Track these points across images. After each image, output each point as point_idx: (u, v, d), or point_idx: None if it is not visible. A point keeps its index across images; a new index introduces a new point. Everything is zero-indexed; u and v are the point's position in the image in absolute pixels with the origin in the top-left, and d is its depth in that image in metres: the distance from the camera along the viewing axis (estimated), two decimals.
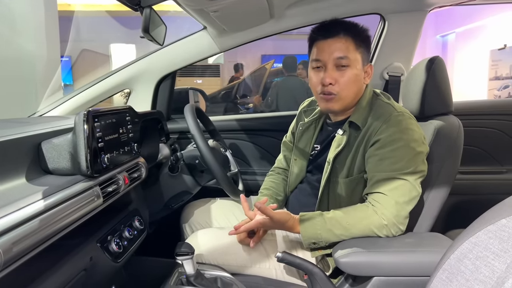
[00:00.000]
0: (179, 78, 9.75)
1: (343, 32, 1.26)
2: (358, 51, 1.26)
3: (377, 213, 1.15)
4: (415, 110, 1.42)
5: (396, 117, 1.22)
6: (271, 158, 1.97)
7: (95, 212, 1.02)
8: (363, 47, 1.28)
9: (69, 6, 7.83)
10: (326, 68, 1.29)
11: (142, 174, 1.33)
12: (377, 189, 1.18)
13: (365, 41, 1.29)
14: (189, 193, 1.58)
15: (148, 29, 1.07)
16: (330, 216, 1.20)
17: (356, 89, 1.30)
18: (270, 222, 1.24)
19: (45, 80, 2.09)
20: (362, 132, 1.26)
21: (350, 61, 1.25)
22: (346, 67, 1.26)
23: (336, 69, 1.28)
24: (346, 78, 1.27)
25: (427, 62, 1.39)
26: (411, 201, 1.18)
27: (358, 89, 1.30)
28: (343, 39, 1.25)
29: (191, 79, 9.60)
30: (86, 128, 1.02)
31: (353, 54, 1.25)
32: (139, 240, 1.29)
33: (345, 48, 1.25)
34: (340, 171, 1.30)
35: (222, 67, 10.03)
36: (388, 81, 1.89)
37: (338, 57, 1.26)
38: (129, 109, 1.33)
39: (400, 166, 1.17)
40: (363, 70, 1.30)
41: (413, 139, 1.20)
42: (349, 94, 1.29)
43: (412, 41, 1.87)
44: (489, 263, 0.63)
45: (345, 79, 1.27)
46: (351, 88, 1.29)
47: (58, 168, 1.06)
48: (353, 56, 1.25)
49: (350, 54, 1.25)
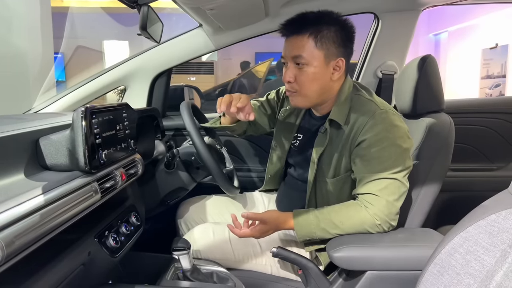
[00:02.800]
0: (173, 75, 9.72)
1: (304, 29, 1.22)
2: (320, 49, 1.22)
3: (369, 213, 1.18)
4: (408, 108, 1.45)
5: (380, 115, 1.21)
6: (265, 155, 1.99)
7: (93, 207, 1.03)
8: (330, 42, 1.22)
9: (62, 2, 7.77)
10: (288, 65, 1.29)
11: (138, 170, 1.34)
12: (367, 189, 1.20)
13: (334, 36, 1.23)
14: (185, 189, 1.59)
15: (145, 26, 1.08)
16: (324, 216, 1.22)
17: (318, 87, 1.26)
18: (263, 226, 1.26)
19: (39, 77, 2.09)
20: (345, 131, 1.25)
21: (307, 59, 1.22)
22: (303, 65, 1.24)
23: (296, 66, 1.26)
24: (304, 76, 1.25)
25: (419, 60, 1.41)
26: (401, 197, 1.20)
27: (321, 86, 1.27)
28: (302, 37, 1.22)
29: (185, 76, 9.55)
30: (84, 125, 1.03)
31: (311, 51, 1.22)
32: (136, 235, 1.30)
33: (301, 46, 1.22)
34: (326, 171, 1.31)
35: (216, 64, 9.99)
36: (382, 79, 1.91)
37: (294, 56, 1.25)
38: (126, 106, 1.34)
39: (388, 165, 1.19)
40: (330, 66, 1.25)
41: (398, 136, 1.21)
42: (310, 92, 1.27)
43: (405, 40, 1.90)
44: (479, 257, 0.65)
45: (303, 77, 1.25)
46: (311, 86, 1.26)
47: (56, 164, 1.06)
48: (310, 53, 1.22)
49: (307, 52, 1.22)
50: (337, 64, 1.26)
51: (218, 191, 1.58)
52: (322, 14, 1.25)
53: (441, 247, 0.75)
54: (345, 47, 1.27)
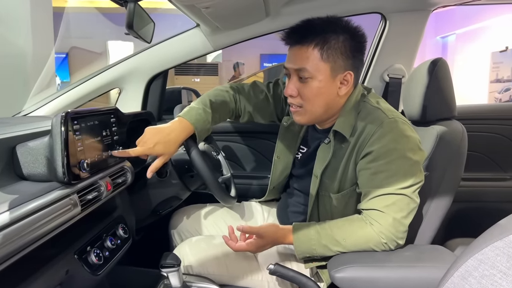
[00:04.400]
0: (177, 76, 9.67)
1: (309, 39, 1.12)
2: (326, 61, 1.12)
3: (375, 231, 1.08)
4: (416, 114, 1.35)
5: (389, 124, 1.11)
6: (266, 161, 1.90)
7: (72, 221, 0.95)
8: (337, 54, 1.12)
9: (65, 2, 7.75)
10: (291, 77, 1.19)
11: (127, 179, 1.26)
12: (372, 205, 1.11)
13: (342, 47, 1.12)
14: (178, 198, 1.50)
15: (132, 25, 1.00)
16: (326, 232, 1.13)
17: (323, 102, 1.16)
18: (260, 240, 1.17)
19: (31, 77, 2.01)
20: (351, 143, 1.16)
21: (311, 73, 1.12)
22: (307, 79, 1.14)
23: (299, 80, 1.16)
24: (308, 90, 1.15)
25: (430, 64, 1.32)
26: (410, 214, 1.11)
27: (327, 102, 1.16)
28: (306, 47, 1.12)
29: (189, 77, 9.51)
30: (64, 131, 0.95)
31: (316, 65, 1.12)
32: (123, 249, 1.22)
33: (306, 58, 1.12)
34: (330, 186, 1.21)
35: (220, 65, 9.95)
36: (389, 83, 1.82)
37: (297, 68, 1.15)
38: (115, 110, 1.26)
39: (396, 179, 1.09)
40: (337, 80, 1.15)
41: (408, 148, 1.10)
42: (314, 108, 1.17)
43: (414, 42, 1.80)
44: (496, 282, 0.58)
45: (307, 92, 1.15)
46: (316, 102, 1.16)
47: (33, 173, 0.98)
48: (315, 67, 1.12)
49: (311, 65, 1.12)
50: (345, 78, 1.16)
51: (215, 199, 1.49)
52: (330, 22, 1.15)
53: (453, 270, 0.66)
54: (354, 59, 1.16)
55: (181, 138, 1.25)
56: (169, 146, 1.21)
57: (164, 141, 1.21)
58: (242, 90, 1.47)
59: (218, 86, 1.45)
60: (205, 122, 1.31)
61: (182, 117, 1.28)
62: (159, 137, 1.20)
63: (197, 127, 1.28)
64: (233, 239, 1.21)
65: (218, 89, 1.45)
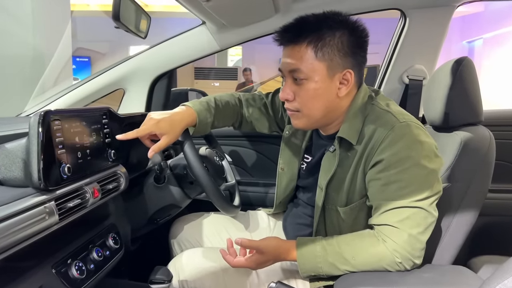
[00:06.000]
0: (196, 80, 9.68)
1: (301, 36, 1.02)
2: (321, 60, 1.02)
3: (388, 249, 0.96)
4: (438, 119, 1.23)
5: (400, 129, 0.99)
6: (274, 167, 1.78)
7: (48, 231, 0.86)
8: (333, 51, 1.02)
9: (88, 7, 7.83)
10: (286, 80, 1.09)
11: (120, 185, 1.17)
12: (384, 220, 0.99)
13: (338, 44, 1.02)
14: (177, 206, 1.40)
15: (118, 16, 0.91)
16: (333, 249, 1.01)
17: (322, 105, 1.06)
18: (260, 256, 1.06)
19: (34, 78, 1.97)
20: (358, 150, 1.04)
21: (306, 73, 1.03)
22: (303, 80, 1.04)
23: (294, 82, 1.07)
24: (304, 92, 1.05)
25: (454, 63, 1.19)
26: (427, 229, 0.98)
27: (326, 105, 1.06)
28: (299, 46, 1.03)
29: (208, 81, 9.51)
30: (41, 132, 0.87)
31: (310, 64, 1.02)
32: (112, 262, 1.12)
33: (299, 58, 1.03)
34: (336, 198, 1.10)
35: (240, 70, 9.91)
36: (408, 85, 1.69)
37: (291, 69, 1.05)
38: (108, 110, 1.17)
39: (410, 191, 0.97)
40: (335, 80, 1.04)
41: (423, 155, 0.98)
42: (312, 112, 1.07)
43: (436, 41, 1.66)
44: None
45: (303, 94, 1.05)
46: (314, 105, 1.06)
47: (9, 178, 0.90)
48: (310, 67, 1.02)
49: (305, 65, 1.02)
50: (344, 77, 1.05)
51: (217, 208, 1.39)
52: (325, 17, 1.04)
53: None
54: (354, 56, 1.05)
55: (185, 121, 1.20)
56: (173, 126, 1.16)
57: (168, 119, 1.16)
58: (244, 97, 1.42)
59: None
60: (207, 115, 1.26)
61: (187, 104, 1.25)
62: (163, 116, 1.16)
63: (199, 115, 1.23)
64: (232, 253, 1.11)
65: (224, 93, 1.40)
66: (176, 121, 1.18)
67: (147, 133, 1.15)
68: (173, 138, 1.16)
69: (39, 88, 1.88)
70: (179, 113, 1.21)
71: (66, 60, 2.66)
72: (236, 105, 1.38)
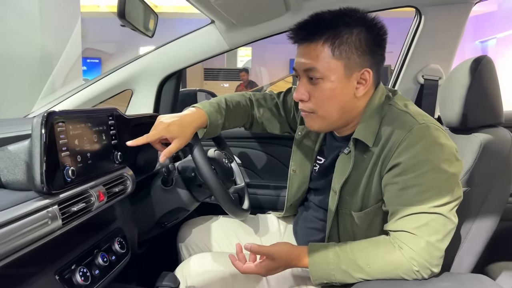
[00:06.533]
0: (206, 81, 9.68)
1: (317, 34, 0.98)
2: (338, 58, 0.98)
3: (405, 257, 0.91)
4: (456, 120, 1.18)
5: (419, 131, 0.95)
6: (285, 170, 1.74)
7: (51, 237, 0.83)
8: (351, 49, 0.98)
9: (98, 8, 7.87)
10: (300, 79, 1.05)
11: (127, 187, 1.14)
12: (401, 226, 0.94)
13: (356, 41, 0.98)
14: (185, 210, 1.37)
15: (123, 14, 0.87)
16: (347, 255, 0.97)
17: (338, 106, 1.02)
18: (270, 262, 1.02)
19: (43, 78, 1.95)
20: (374, 153, 1.00)
21: (322, 73, 0.98)
22: (318, 79, 1.00)
23: (309, 81, 1.02)
24: (319, 93, 1.01)
25: (472, 62, 1.14)
26: (446, 236, 0.94)
27: (342, 105, 1.02)
28: (315, 44, 0.98)
29: (218, 82, 9.51)
30: (44, 133, 0.84)
31: (327, 63, 0.98)
32: (118, 267, 1.09)
33: (315, 56, 0.98)
34: (351, 202, 1.06)
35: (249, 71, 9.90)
36: (423, 85, 1.64)
37: (306, 68, 1.00)
38: (114, 111, 1.14)
39: (429, 196, 0.92)
40: (353, 80, 1.00)
41: (443, 159, 0.93)
42: (328, 113, 1.03)
43: (453, 40, 1.61)
44: None
45: (318, 95, 1.01)
46: (330, 105, 1.01)
47: (12, 181, 0.88)
48: (326, 66, 0.98)
49: (321, 63, 0.98)
50: (362, 77, 1.01)
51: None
52: (342, 13, 1.00)
53: None
54: (372, 55, 1.00)
55: (196, 123, 1.18)
56: (184, 129, 1.14)
57: (178, 122, 1.13)
58: (254, 97, 1.38)
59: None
60: (218, 116, 1.23)
61: (197, 106, 1.22)
62: (172, 119, 1.14)
63: (210, 117, 1.21)
64: (241, 259, 1.07)
65: (234, 93, 1.37)
66: (187, 124, 1.15)
67: (158, 138, 1.12)
68: (184, 141, 1.14)
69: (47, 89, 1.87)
70: (189, 115, 1.18)
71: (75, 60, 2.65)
72: (247, 106, 1.35)
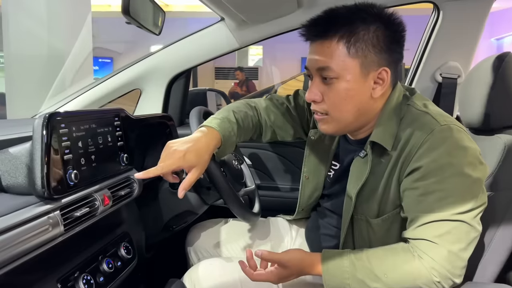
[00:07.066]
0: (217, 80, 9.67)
1: (332, 32, 0.91)
2: (354, 56, 0.92)
3: (425, 266, 0.86)
4: (477, 121, 1.12)
5: (441, 133, 0.89)
6: (297, 171, 1.70)
7: (53, 243, 0.80)
8: (368, 47, 0.92)
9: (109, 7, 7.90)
10: (313, 79, 0.99)
11: (133, 190, 1.11)
12: (421, 234, 0.88)
13: (373, 39, 0.92)
14: (193, 213, 1.33)
15: (127, 10, 0.83)
16: (363, 264, 0.92)
17: (354, 107, 0.96)
18: (282, 270, 0.97)
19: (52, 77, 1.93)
20: (392, 156, 0.94)
21: (336, 72, 0.92)
22: (332, 79, 0.93)
23: (323, 81, 0.96)
24: (333, 93, 0.94)
25: (495, 59, 1.09)
26: (470, 245, 0.88)
27: (358, 107, 0.96)
28: (330, 41, 0.92)
29: (229, 81, 9.48)
30: (46, 135, 0.81)
31: (342, 62, 0.92)
32: (124, 273, 1.06)
33: (329, 54, 0.92)
34: (367, 209, 1.00)
35: (260, 69, 9.85)
36: (442, 84, 1.57)
37: (319, 67, 0.94)
38: (120, 111, 1.11)
39: (451, 202, 0.86)
40: (369, 79, 0.94)
41: (467, 162, 0.87)
42: (343, 115, 0.97)
43: (472, 36, 1.54)
44: None
45: (332, 95, 0.95)
46: (345, 107, 0.95)
47: (13, 185, 0.84)
48: (341, 64, 0.92)
49: (336, 62, 0.92)
50: (379, 76, 0.94)
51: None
52: (358, 9, 0.94)
53: None
54: (390, 53, 0.94)
55: (211, 146, 1.04)
56: (201, 155, 1.00)
57: (194, 148, 0.99)
58: (260, 104, 1.28)
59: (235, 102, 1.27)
60: (231, 133, 1.11)
61: (205, 125, 1.09)
62: (187, 146, 0.99)
63: (224, 135, 1.08)
64: (252, 265, 1.02)
65: (237, 102, 1.26)
66: (203, 150, 1.01)
67: (174, 169, 0.99)
68: (202, 169, 1.01)
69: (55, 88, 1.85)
70: (203, 139, 1.04)
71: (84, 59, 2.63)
72: (254, 116, 1.25)
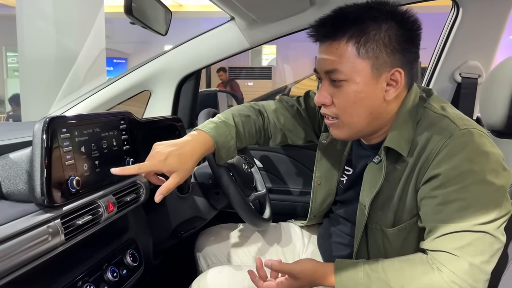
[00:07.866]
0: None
1: (341, 32, 0.88)
2: (365, 57, 0.87)
3: (445, 280, 0.80)
4: (499, 123, 1.07)
5: (461, 138, 0.83)
6: (309, 175, 1.65)
7: (52, 254, 0.77)
8: (379, 47, 0.87)
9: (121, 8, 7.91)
10: (322, 82, 0.94)
11: (140, 196, 1.07)
12: (441, 246, 0.83)
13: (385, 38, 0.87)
14: (202, 219, 1.29)
15: (130, 10, 0.80)
16: (378, 276, 0.87)
17: (365, 111, 0.91)
18: (293, 281, 0.93)
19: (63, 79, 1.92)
20: (409, 162, 0.89)
21: (346, 75, 0.88)
22: (341, 82, 0.89)
23: (332, 84, 0.91)
24: (343, 97, 0.89)
25: None
26: (493, 257, 0.82)
27: (370, 111, 0.91)
28: (338, 42, 0.88)
29: (242, 81, 9.44)
30: (46, 140, 0.77)
31: (351, 63, 0.87)
32: (130, 281, 1.02)
33: (338, 56, 0.88)
34: (382, 218, 0.95)
35: (274, 69, 9.79)
36: (461, 84, 1.51)
37: (328, 70, 0.90)
38: (126, 114, 1.07)
39: (473, 212, 0.81)
40: (381, 81, 0.89)
41: (489, 169, 0.81)
42: (354, 119, 0.92)
43: (494, 34, 1.47)
44: None
45: (342, 99, 0.90)
46: (355, 111, 0.90)
47: (14, 192, 0.82)
48: (351, 66, 0.87)
49: (345, 64, 0.88)
50: (392, 78, 0.89)
51: None
52: (369, 7, 0.89)
53: None
54: (403, 53, 0.89)
55: (198, 152, 1.00)
56: (184, 160, 0.96)
57: (177, 153, 0.95)
58: (268, 106, 1.23)
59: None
60: (228, 137, 1.07)
61: (199, 129, 1.06)
62: (170, 149, 0.95)
63: (217, 141, 1.04)
64: (262, 275, 0.98)
65: (240, 105, 1.22)
66: (187, 155, 0.97)
67: (151, 171, 0.95)
68: (184, 175, 0.96)
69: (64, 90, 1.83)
70: (190, 143, 1.00)
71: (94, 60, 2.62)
72: (259, 119, 1.20)
